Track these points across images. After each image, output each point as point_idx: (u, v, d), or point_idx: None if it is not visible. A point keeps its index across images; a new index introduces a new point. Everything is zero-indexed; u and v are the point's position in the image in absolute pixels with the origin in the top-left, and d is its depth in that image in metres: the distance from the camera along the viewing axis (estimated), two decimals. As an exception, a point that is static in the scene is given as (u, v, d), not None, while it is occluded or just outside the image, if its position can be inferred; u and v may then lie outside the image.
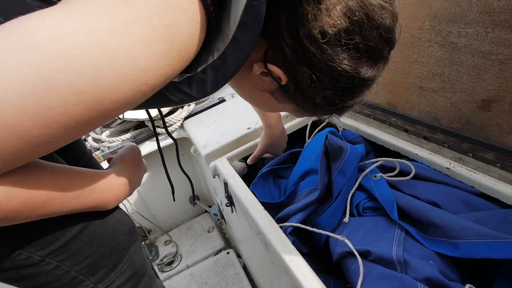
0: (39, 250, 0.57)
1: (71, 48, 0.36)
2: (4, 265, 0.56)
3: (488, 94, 0.72)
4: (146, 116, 1.64)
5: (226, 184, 1.12)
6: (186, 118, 1.65)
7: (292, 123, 1.31)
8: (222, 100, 1.71)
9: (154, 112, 1.60)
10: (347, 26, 0.46)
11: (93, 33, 0.36)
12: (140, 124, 1.72)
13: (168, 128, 1.63)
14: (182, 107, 1.68)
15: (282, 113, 1.33)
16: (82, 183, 0.56)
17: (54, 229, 0.58)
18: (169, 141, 1.64)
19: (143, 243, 1.87)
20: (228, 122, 1.45)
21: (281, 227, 0.85)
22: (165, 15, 0.39)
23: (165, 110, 1.61)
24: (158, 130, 1.63)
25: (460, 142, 0.82)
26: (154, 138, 1.71)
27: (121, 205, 1.75)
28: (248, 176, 1.30)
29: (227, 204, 1.19)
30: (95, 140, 1.74)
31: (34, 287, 0.62)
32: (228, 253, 1.72)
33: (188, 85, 0.48)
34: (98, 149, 1.67)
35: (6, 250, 0.55)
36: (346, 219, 0.84)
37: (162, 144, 1.63)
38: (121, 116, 1.66)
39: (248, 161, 1.22)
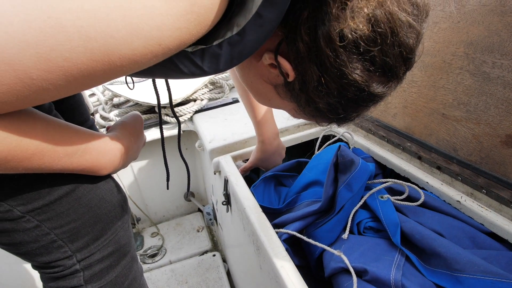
0: (21, 205, 0.54)
1: None
2: None
3: (514, 130, 0.70)
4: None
5: (226, 181, 1.10)
6: (197, 112, 1.63)
7: (302, 133, 1.29)
8: (236, 101, 1.69)
9: (164, 100, 1.58)
10: (369, 35, 0.43)
11: None
12: (150, 109, 1.70)
13: (176, 113, 1.61)
14: (195, 100, 1.66)
15: (295, 122, 1.31)
16: (77, 140, 0.53)
17: (40, 186, 0.55)
18: (175, 131, 1.62)
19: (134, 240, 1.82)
20: (238, 122, 1.43)
21: (276, 233, 0.82)
22: None
23: (176, 99, 1.59)
24: (167, 118, 1.61)
25: (475, 176, 0.79)
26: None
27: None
28: (248, 179, 1.27)
29: (224, 203, 1.16)
30: (102, 117, 1.72)
31: (9, 244, 0.59)
32: (214, 255, 1.67)
33: (201, 57, 0.46)
34: (104, 127, 1.65)
35: None
36: (345, 236, 0.81)
37: (167, 133, 1.62)
38: (132, 97, 1.65)
39: (239, 170, 1.19)
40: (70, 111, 0.86)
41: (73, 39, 0.35)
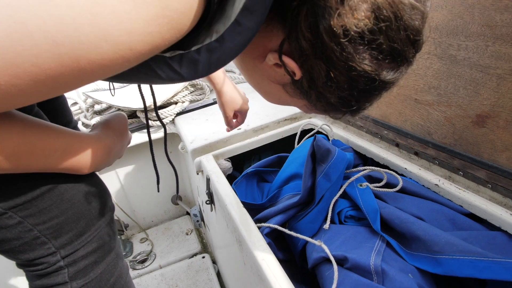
0: (2, 202, 0.53)
1: None
2: None
3: (483, 109, 0.70)
4: (139, 106, 1.62)
5: (208, 180, 1.09)
6: (178, 114, 1.62)
7: (282, 129, 1.29)
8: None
9: (148, 102, 1.57)
10: (372, 25, 0.42)
11: None
12: (132, 114, 1.68)
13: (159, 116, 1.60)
14: (176, 103, 1.65)
15: (275, 118, 1.31)
16: (56, 142, 0.53)
17: (21, 182, 0.55)
18: (158, 135, 1.61)
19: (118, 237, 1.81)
20: (219, 122, 1.42)
21: (258, 227, 0.82)
22: None
23: (158, 102, 1.58)
24: (150, 122, 1.60)
25: (451, 158, 0.80)
26: (144, 130, 1.69)
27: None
28: (232, 177, 1.27)
29: (207, 202, 1.15)
30: (84, 125, 1.70)
31: None
32: (203, 257, 1.66)
33: (179, 62, 0.45)
34: (85, 135, 1.63)
35: None
36: (326, 226, 0.81)
37: (151, 136, 1.60)
38: (114, 103, 1.63)
39: (226, 129, 1.10)
40: (53, 112, 0.85)
41: (39, 44, 0.34)
